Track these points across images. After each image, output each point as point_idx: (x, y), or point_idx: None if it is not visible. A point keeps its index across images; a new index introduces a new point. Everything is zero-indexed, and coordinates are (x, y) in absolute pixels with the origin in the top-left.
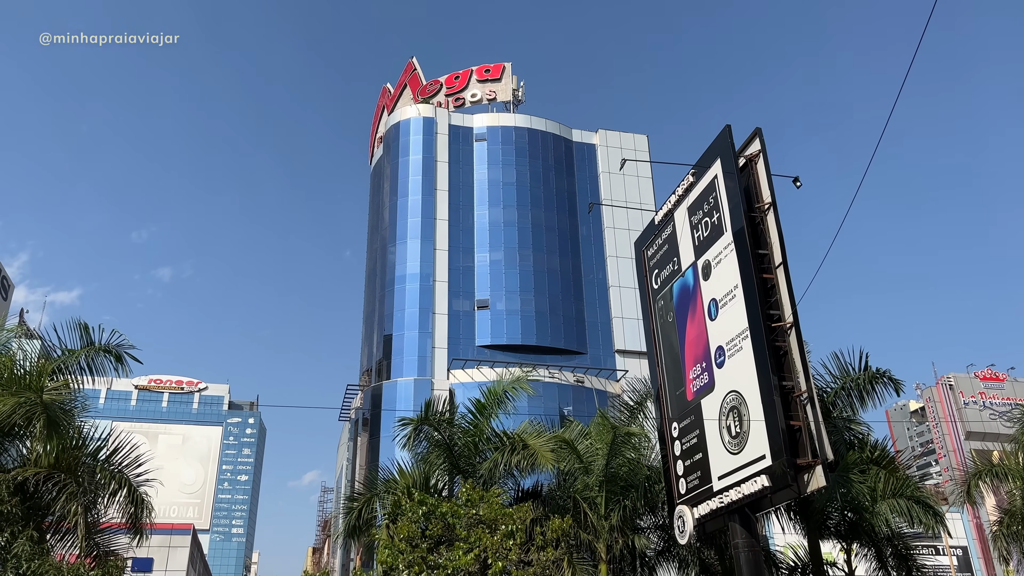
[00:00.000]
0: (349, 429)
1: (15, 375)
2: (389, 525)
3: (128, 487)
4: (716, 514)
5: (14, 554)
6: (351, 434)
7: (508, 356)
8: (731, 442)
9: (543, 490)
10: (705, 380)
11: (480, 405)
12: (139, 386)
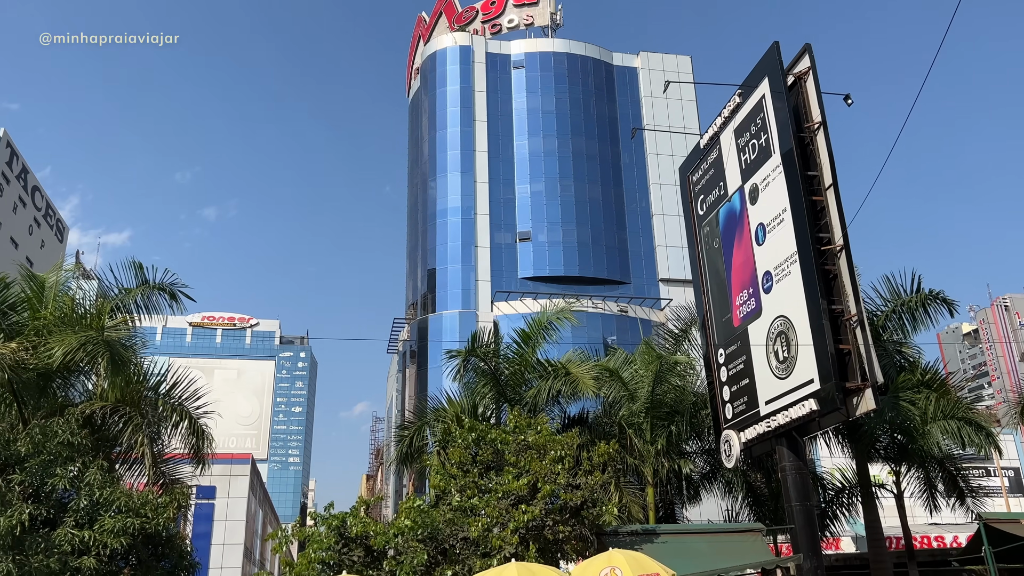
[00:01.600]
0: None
1: (76, 314)
2: (440, 452)
3: (189, 419)
4: (763, 438)
5: (87, 482)
6: (399, 366)
7: (551, 287)
8: (778, 367)
9: (589, 417)
10: (752, 306)
11: (524, 335)
12: (193, 323)
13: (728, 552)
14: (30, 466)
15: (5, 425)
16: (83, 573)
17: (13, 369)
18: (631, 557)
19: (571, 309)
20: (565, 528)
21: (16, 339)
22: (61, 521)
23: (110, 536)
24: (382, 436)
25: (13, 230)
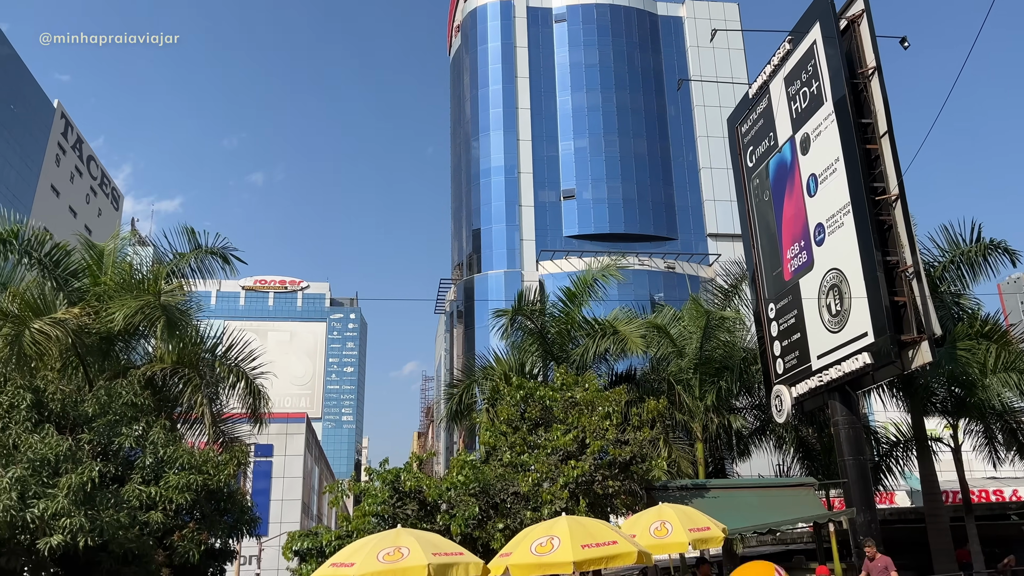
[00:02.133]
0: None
1: (134, 280)
2: (489, 409)
3: (245, 379)
4: (815, 392)
5: (151, 441)
6: (447, 326)
7: (596, 245)
8: (831, 321)
9: (636, 374)
10: (803, 259)
11: (571, 294)
12: (246, 287)
13: (779, 506)
14: (97, 426)
15: (72, 387)
16: (151, 527)
17: (77, 333)
18: (681, 511)
19: (617, 266)
20: (614, 483)
21: (79, 305)
22: (129, 478)
23: (175, 492)
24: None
25: (71, 199)
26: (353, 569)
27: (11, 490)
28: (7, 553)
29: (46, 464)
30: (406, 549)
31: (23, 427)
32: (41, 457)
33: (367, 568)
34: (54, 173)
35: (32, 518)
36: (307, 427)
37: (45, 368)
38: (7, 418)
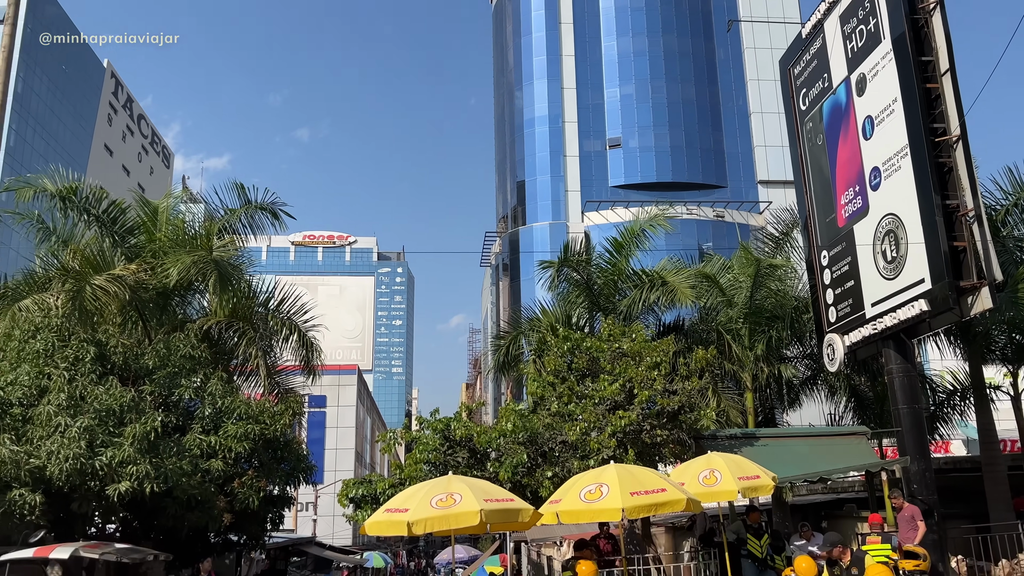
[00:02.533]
0: (490, 274)
1: (187, 236)
2: (536, 360)
3: (298, 332)
4: (868, 341)
5: (209, 392)
6: (492, 279)
7: (643, 195)
8: (886, 267)
9: (684, 324)
10: (858, 204)
11: (617, 244)
12: (295, 242)
13: (831, 455)
14: (158, 378)
15: (132, 341)
16: (212, 474)
17: (135, 289)
18: (730, 460)
19: (665, 216)
20: (662, 432)
21: (135, 261)
22: (189, 428)
23: (233, 441)
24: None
25: (124, 158)
26: (408, 515)
27: (80, 439)
28: (79, 498)
29: (111, 414)
30: (458, 495)
31: (88, 379)
32: (107, 408)
33: (421, 513)
34: (106, 132)
35: (100, 465)
36: (358, 379)
37: (106, 323)
38: (73, 371)
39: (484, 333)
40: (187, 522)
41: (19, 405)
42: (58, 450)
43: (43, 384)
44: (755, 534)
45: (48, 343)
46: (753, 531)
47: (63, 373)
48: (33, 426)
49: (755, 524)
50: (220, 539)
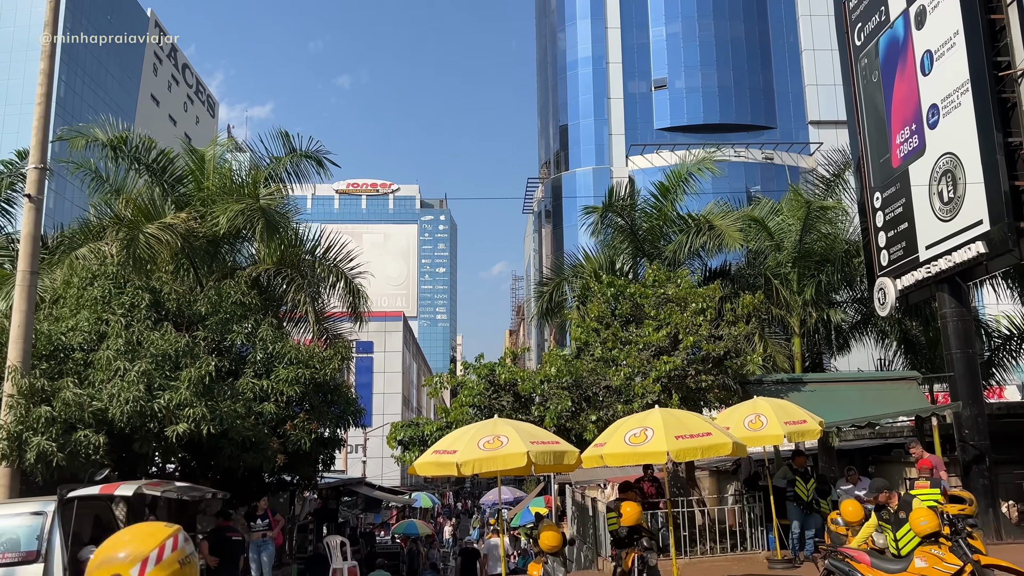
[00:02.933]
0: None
1: (234, 185)
2: (579, 307)
3: (344, 279)
4: (922, 284)
5: (260, 338)
6: (535, 226)
7: (689, 137)
8: (942, 209)
9: (731, 269)
10: (914, 144)
11: (663, 188)
12: (339, 190)
13: (880, 400)
14: (210, 324)
15: (185, 288)
16: (265, 417)
17: (186, 237)
18: (777, 405)
19: (712, 159)
20: (708, 377)
21: (185, 209)
22: (242, 372)
23: (285, 385)
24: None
25: (170, 108)
26: (455, 456)
27: (139, 383)
28: (140, 439)
29: (167, 359)
30: (505, 437)
31: (144, 325)
32: (162, 352)
33: (469, 455)
34: (152, 82)
35: (159, 408)
36: (404, 325)
37: (159, 270)
38: (129, 317)
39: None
40: (242, 462)
41: (80, 350)
42: (118, 393)
43: (101, 330)
44: (801, 478)
45: (105, 290)
46: (799, 475)
47: (120, 319)
48: (94, 370)
49: (801, 468)
50: (274, 479)
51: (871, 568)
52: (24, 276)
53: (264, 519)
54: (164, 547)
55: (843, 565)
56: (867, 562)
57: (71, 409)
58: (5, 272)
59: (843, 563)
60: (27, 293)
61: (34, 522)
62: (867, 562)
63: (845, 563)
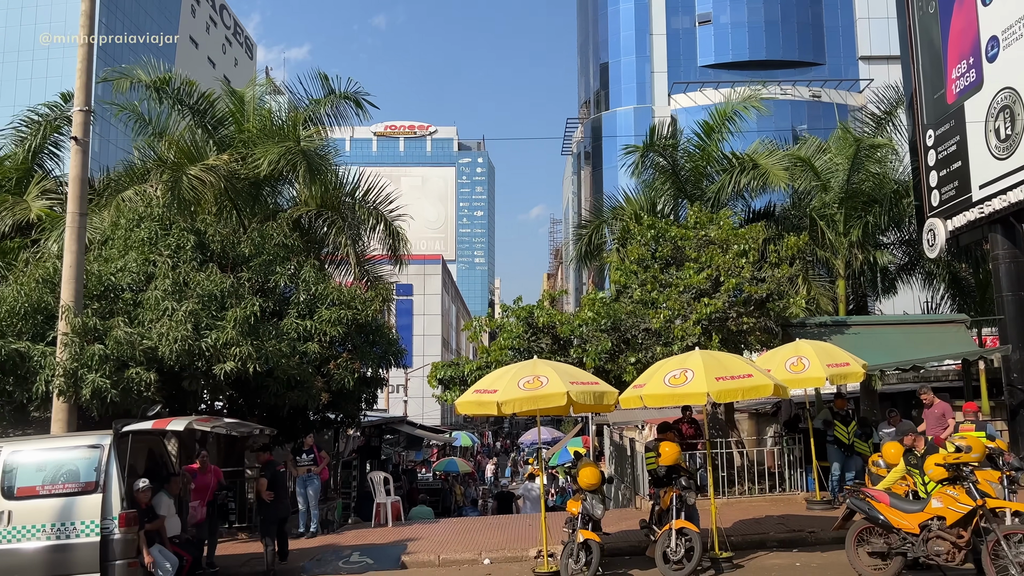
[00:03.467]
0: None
1: (274, 127)
2: (619, 249)
3: (384, 221)
4: (974, 225)
5: (303, 279)
6: (574, 167)
7: (734, 75)
8: (998, 146)
9: (775, 210)
10: (971, 78)
11: (707, 127)
12: (377, 133)
13: (926, 343)
14: (254, 265)
15: (228, 230)
16: (309, 356)
17: (228, 179)
18: (819, 347)
19: (758, 97)
20: (749, 320)
21: (227, 151)
22: (286, 313)
23: (328, 325)
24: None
25: (209, 50)
26: (496, 395)
27: (186, 322)
28: (189, 377)
29: (213, 299)
30: (545, 378)
31: (190, 266)
32: (208, 293)
33: (509, 395)
34: (191, 24)
35: (206, 347)
36: (443, 268)
37: (203, 212)
38: (176, 258)
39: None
40: (288, 401)
41: (129, 290)
42: (167, 332)
43: (149, 271)
44: (842, 420)
45: (151, 232)
46: (840, 417)
47: (167, 260)
48: (143, 310)
49: (842, 411)
50: (319, 417)
51: (889, 507)
52: (73, 218)
53: (309, 454)
54: None
55: (863, 504)
56: (886, 501)
57: (123, 347)
58: (55, 215)
59: (863, 502)
60: (77, 234)
61: (92, 455)
62: (886, 501)
63: (865, 502)
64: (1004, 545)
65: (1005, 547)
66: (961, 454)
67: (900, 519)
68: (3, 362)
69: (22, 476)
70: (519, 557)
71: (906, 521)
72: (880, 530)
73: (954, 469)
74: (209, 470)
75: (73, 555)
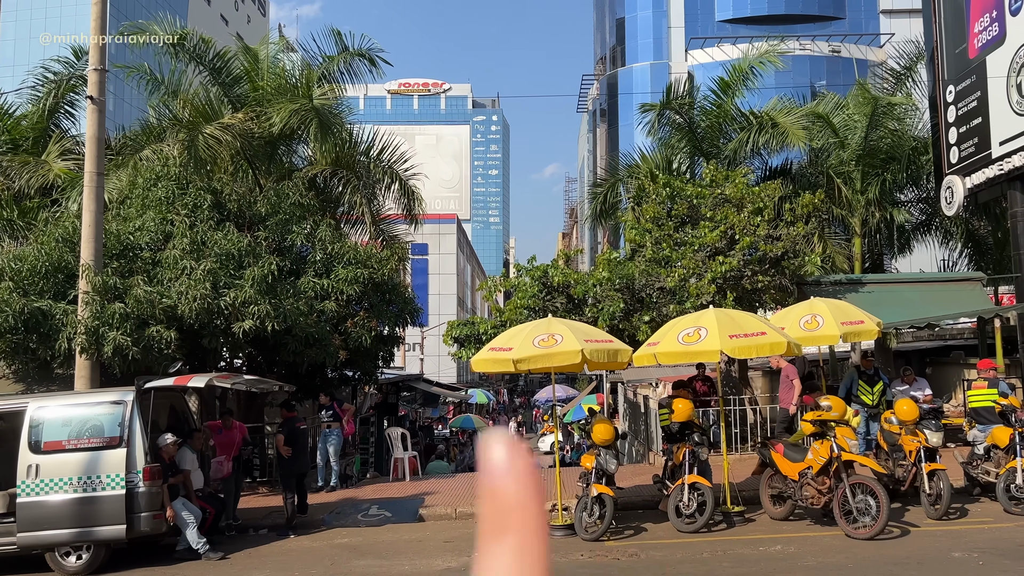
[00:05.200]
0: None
1: (288, 84)
2: (634, 208)
3: (399, 180)
4: (993, 183)
5: (319, 238)
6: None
7: (752, 30)
8: (1020, 102)
9: (792, 168)
10: (994, 32)
11: (724, 84)
12: (390, 90)
13: (941, 301)
14: (271, 224)
15: (245, 189)
16: (326, 314)
17: (244, 137)
18: (834, 305)
19: (776, 52)
20: (764, 278)
21: (242, 110)
22: (303, 272)
23: (344, 284)
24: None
25: (221, 7)
26: (511, 353)
27: (205, 281)
28: (208, 335)
29: (231, 258)
30: (559, 336)
31: (207, 225)
32: (226, 252)
33: (525, 352)
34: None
35: (225, 305)
36: (457, 227)
37: (219, 171)
38: (193, 217)
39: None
40: (306, 358)
41: (148, 249)
42: (186, 291)
43: (167, 230)
44: (868, 381)
45: (168, 191)
46: (866, 378)
47: (184, 219)
48: (162, 269)
49: (868, 370)
50: (336, 374)
51: (781, 455)
52: (91, 177)
53: (328, 410)
54: None
55: (766, 452)
56: (780, 450)
57: (142, 306)
58: (74, 174)
59: (766, 451)
60: (95, 194)
61: (115, 410)
62: (780, 450)
63: (767, 451)
64: (848, 493)
65: (849, 495)
66: (822, 411)
67: (786, 467)
68: (26, 320)
69: (48, 431)
70: None
71: (790, 469)
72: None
73: (820, 425)
74: (234, 426)
75: (99, 507)
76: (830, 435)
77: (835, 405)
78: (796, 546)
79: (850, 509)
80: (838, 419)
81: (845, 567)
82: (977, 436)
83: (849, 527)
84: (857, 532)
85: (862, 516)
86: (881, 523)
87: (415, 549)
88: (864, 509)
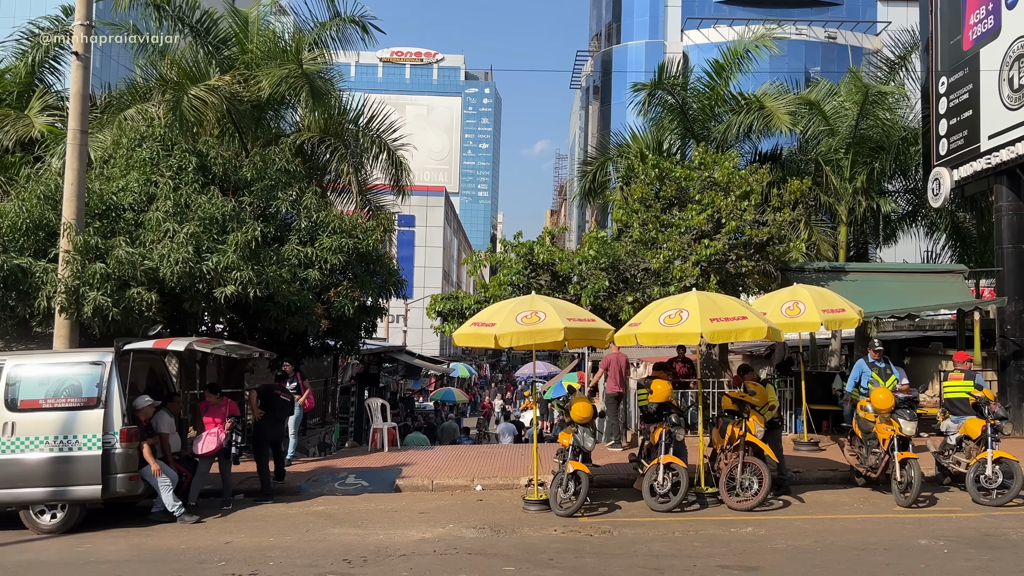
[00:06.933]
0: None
1: (278, 48)
2: (623, 187)
3: (387, 150)
4: (980, 176)
5: (304, 206)
6: (582, 102)
7: (749, 12)
8: (1011, 96)
9: (782, 153)
10: (989, 25)
11: (718, 66)
12: (383, 59)
13: (923, 292)
14: (256, 189)
15: (231, 153)
16: (310, 283)
17: (231, 100)
18: (816, 292)
19: (772, 35)
20: (748, 263)
21: (230, 73)
22: (287, 239)
23: (328, 253)
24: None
25: None
26: (494, 328)
27: (187, 244)
28: (190, 299)
29: (215, 223)
30: (542, 313)
31: (192, 188)
32: (210, 216)
33: (507, 328)
34: None
35: (207, 270)
36: (446, 200)
37: (205, 134)
38: (177, 179)
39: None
40: (288, 326)
41: (131, 210)
42: (168, 254)
43: (150, 191)
44: (880, 374)
45: (153, 152)
46: (878, 371)
47: (168, 181)
48: (144, 230)
49: (879, 362)
50: (318, 343)
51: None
52: (75, 135)
53: (292, 382)
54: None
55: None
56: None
57: (124, 267)
58: (58, 131)
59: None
60: (78, 151)
61: (94, 371)
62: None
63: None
64: (738, 470)
65: (738, 472)
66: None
67: (717, 441)
68: (5, 277)
69: (25, 389)
70: (510, 485)
71: (718, 443)
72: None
73: (738, 404)
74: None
75: (75, 467)
76: (742, 416)
77: (759, 393)
78: (767, 528)
79: (735, 484)
80: (757, 405)
81: (813, 550)
82: (950, 427)
83: (731, 499)
84: (737, 504)
85: (744, 491)
86: (758, 499)
87: (390, 519)
88: (747, 486)
